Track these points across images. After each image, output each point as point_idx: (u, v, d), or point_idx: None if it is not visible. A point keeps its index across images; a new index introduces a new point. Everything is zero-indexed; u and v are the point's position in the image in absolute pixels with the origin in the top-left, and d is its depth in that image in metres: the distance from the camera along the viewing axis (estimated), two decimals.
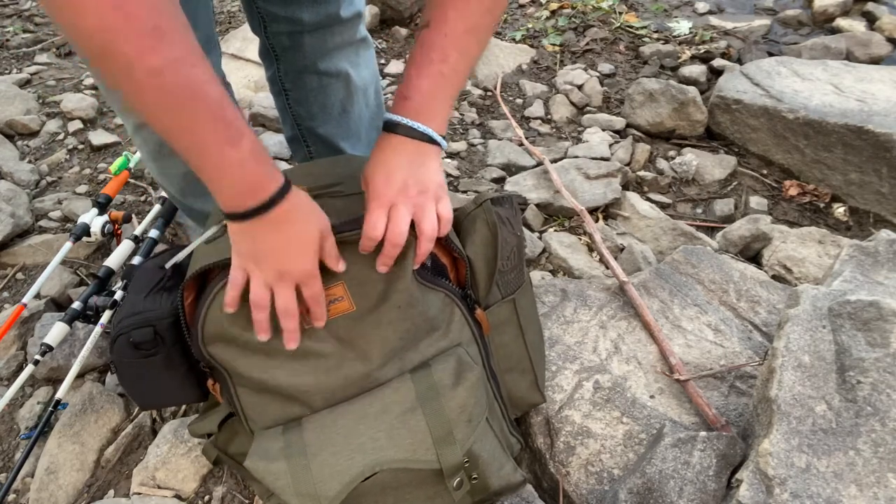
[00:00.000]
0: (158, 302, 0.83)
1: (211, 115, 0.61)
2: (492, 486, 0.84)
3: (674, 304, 1.20)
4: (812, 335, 0.91)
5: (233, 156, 0.63)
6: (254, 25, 1.15)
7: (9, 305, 1.45)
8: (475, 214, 0.88)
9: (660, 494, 0.87)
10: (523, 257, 0.96)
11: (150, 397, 0.90)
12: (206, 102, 0.60)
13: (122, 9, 0.53)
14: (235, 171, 0.64)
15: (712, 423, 0.97)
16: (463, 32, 0.73)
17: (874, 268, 1.03)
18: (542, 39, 2.35)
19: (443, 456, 0.77)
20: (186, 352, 0.83)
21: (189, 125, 0.60)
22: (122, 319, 0.83)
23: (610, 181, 1.64)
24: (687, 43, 2.26)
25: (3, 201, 1.59)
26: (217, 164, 0.63)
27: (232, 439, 0.91)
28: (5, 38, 2.49)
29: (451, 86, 0.76)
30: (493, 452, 0.85)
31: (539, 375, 1.00)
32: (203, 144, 0.62)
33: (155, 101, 0.58)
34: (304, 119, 1.25)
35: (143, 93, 0.57)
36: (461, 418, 0.78)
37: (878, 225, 1.54)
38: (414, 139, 0.75)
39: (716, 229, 1.56)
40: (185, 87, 0.58)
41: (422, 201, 0.76)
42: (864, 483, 0.78)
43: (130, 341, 0.82)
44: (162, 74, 0.56)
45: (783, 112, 1.67)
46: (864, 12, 2.30)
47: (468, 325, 0.87)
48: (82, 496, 1.09)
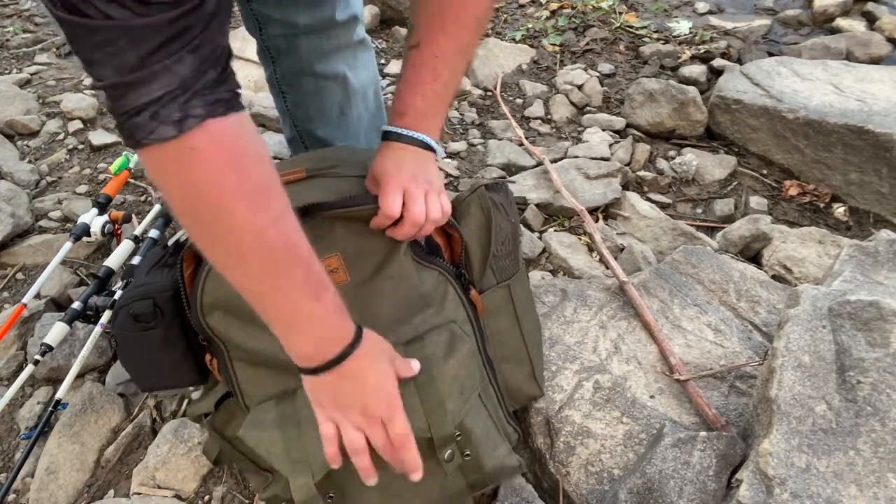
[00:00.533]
0: (160, 276, 0.85)
1: (303, 270, 0.63)
2: (485, 465, 0.84)
3: (674, 304, 1.20)
4: (812, 335, 0.91)
5: (318, 310, 0.64)
6: (249, 27, 1.14)
7: (9, 305, 1.45)
8: (470, 200, 0.91)
9: (660, 494, 0.87)
10: (518, 245, 0.98)
11: (149, 376, 0.92)
12: (300, 258, 0.62)
13: (236, 167, 0.54)
14: (319, 324, 0.66)
15: (712, 423, 0.97)
16: (453, 53, 0.77)
17: (874, 268, 1.03)
18: (542, 39, 2.35)
19: (434, 426, 0.78)
20: (185, 328, 0.85)
21: (281, 282, 0.61)
22: (125, 294, 0.85)
23: (610, 181, 1.64)
24: (687, 43, 2.26)
25: (3, 201, 1.59)
26: (304, 319, 0.64)
27: (229, 422, 0.92)
28: (5, 38, 2.48)
29: (444, 101, 0.81)
30: (486, 431, 0.85)
31: (536, 367, 1.01)
32: (292, 300, 0.63)
33: (255, 260, 0.59)
34: (303, 121, 1.25)
35: (246, 252, 0.58)
36: (453, 389, 0.79)
37: (878, 225, 1.54)
38: (414, 146, 0.81)
39: (716, 229, 1.56)
40: (284, 245, 0.60)
41: (428, 189, 0.80)
42: (864, 483, 0.78)
43: (131, 313, 0.83)
44: (266, 233, 0.57)
45: (783, 112, 1.67)
46: (864, 12, 2.30)
47: (462, 304, 0.88)
48: (82, 496, 1.09)
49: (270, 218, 0.58)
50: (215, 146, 0.54)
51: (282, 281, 0.61)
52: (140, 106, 0.51)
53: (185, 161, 0.53)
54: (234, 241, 0.58)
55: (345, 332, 0.68)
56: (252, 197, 0.56)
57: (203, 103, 0.52)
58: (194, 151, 0.53)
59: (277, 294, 0.62)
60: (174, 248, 0.90)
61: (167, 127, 0.52)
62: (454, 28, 0.75)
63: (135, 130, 0.52)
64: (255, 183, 0.56)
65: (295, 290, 0.62)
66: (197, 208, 0.56)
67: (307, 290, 0.63)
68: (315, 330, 0.66)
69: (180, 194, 0.56)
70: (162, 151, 0.53)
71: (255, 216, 0.56)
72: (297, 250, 0.61)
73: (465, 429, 0.81)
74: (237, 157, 0.55)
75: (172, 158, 0.54)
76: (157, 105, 0.51)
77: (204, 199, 0.55)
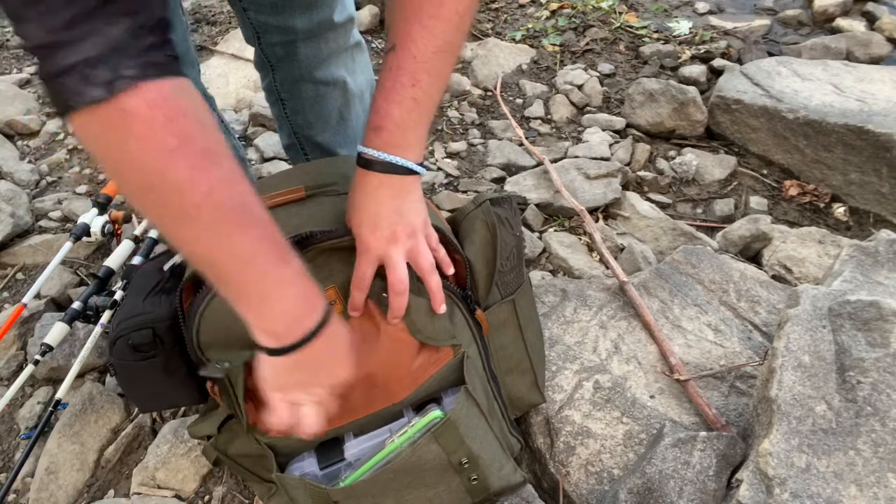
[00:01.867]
0: (158, 304, 0.83)
1: (261, 230, 0.59)
2: (492, 486, 0.85)
3: (674, 304, 1.20)
4: (812, 335, 0.91)
5: (288, 275, 0.61)
6: (247, 36, 1.14)
7: (9, 305, 1.45)
8: (474, 215, 0.88)
9: (660, 494, 0.87)
10: (522, 258, 0.96)
11: (150, 400, 0.90)
12: (255, 218, 0.58)
13: (175, 130, 0.51)
14: (291, 290, 0.61)
15: (712, 423, 0.97)
16: (433, 53, 0.68)
17: (874, 268, 1.03)
18: (542, 39, 2.35)
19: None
20: (185, 354, 0.83)
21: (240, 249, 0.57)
22: (121, 321, 0.83)
23: (610, 181, 1.64)
24: (687, 43, 2.26)
25: (3, 201, 1.59)
26: (275, 286, 0.60)
27: (232, 441, 0.91)
28: (5, 38, 2.48)
29: (425, 111, 0.71)
30: (493, 454, 0.85)
31: (539, 375, 1.00)
32: (256, 265, 0.58)
33: (206, 227, 0.55)
34: (302, 128, 1.24)
35: (195, 217, 0.55)
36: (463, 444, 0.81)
37: (878, 225, 1.54)
38: (392, 174, 0.72)
39: (716, 229, 1.56)
40: (235, 206, 0.56)
41: (413, 244, 0.75)
42: (864, 483, 0.78)
43: (130, 343, 0.81)
44: (214, 194, 0.54)
45: (783, 112, 1.67)
46: (864, 12, 2.30)
47: (468, 325, 0.87)
48: (82, 496, 1.09)
49: (217, 179, 0.54)
50: (150, 108, 0.50)
51: (241, 246, 0.57)
52: (68, 66, 0.48)
53: (118, 124, 0.50)
54: (179, 205, 0.54)
55: (319, 299, 0.64)
56: (194, 159, 0.52)
57: (135, 65, 0.49)
58: (127, 114, 0.49)
59: (239, 260, 0.58)
60: (170, 274, 0.88)
61: (97, 88, 0.48)
62: (433, 23, 0.66)
63: (64, 93, 0.49)
64: (198, 146, 0.53)
65: (257, 253, 0.58)
66: (136, 175, 0.53)
67: (271, 252, 0.59)
68: (288, 297, 0.61)
69: (118, 162, 0.53)
70: (93, 115, 0.50)
71: (200, 177, 0.53)
72: (251, 211, 0.57)
73: (473, 456, 0.81)
74: (176, 120, 0.51)
75: (104, 123, 0.50)
76: (86, 66, 0.48)
77: (141, 164, 0.51)
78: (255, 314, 0.62)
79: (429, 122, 0.73)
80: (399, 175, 0.72)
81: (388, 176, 0.72)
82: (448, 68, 0.71)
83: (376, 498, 0.80)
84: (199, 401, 0.91)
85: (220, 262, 0.58)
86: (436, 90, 0.71)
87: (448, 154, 1.85)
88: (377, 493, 0.80)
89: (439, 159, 1.82)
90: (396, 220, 0.73)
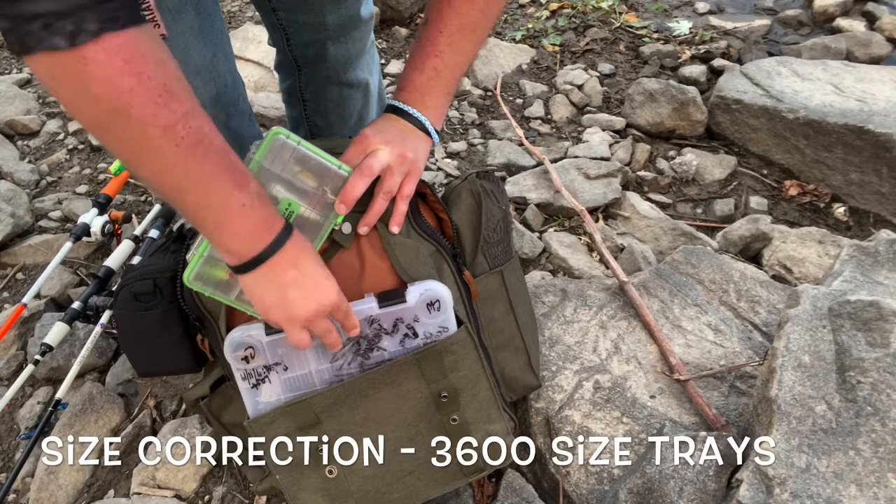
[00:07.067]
0: (161, 259, 0.88)
1: (221, 161, 0.63)
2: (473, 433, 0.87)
3: (674, 304, 1.20)
4: (812, 335, 0.91)
5: (243, 199, 0.64)
6: (275, 39, 1.14)
7: (9, 305, 1.45)
8: (461, 187, 0.93)
9: (660, 494, 0.87)
10: (510, 234, 0.99)
11: (146, 359, 0.93)
12: (215, 150, 0.62)
13: (134, 71, 0.53)
14: (247, 213, 0.65)
15: (712, 423, 0.97)
16: (457, 30, 0.77)
17: (874, 268, 1.03)
18: (542, 39, 2.35)
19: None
20: (183, 313, 0.88)
21: (200, 177, 0.61)
22: (127, 275, 0.88)
23: (610, 181, 1.64)
24: (687, 43, 2.26)
25: (3, 201, 1.59)
26: (228, 210, 0.64)
27: (226, 406, 0.93)
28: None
29: (446, 81, 0.80)
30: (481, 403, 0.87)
31: (532, 356, 1.02)
32: (214, 193, 0.63)
33: (168, 158, 0.59)
34: (322, 129, 1.26)
35: (156, 152, 0.58)
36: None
37: (878, 225, 1.54)
38: (405, 120, 0.80)
39: (716, 229, 1.56)
40: (196, 139, 0.59)
41: (404, 170, 0.79)
42: (864, 483, 0.78)
43: (132, 292, 0.86)
44: (174, 129, 0.57)
45: (783, 112, 1.67)
46: (864, 12, 2.30)
47: (457, 284, 0.88)
48: (82, 496, 1.09)
49: (176, 115, 0.57)
50: (109, 55, 0.52)
51: (200, 176, 0.61)
52: (31, 14, 0.50)
53: (77, 70, 0.52)
54: (138, 140, 0.57)
55: (275, 221, 0.68)
56: (153, 96, 0.55)
57: (97, 18, 0.51)
58: (86, 60, 0.52)
59: (198, 191, 0.62)
60: (177, 234, 0.93)
61: (59, 38, 0.50)
62: (460, 3, 0.75)
63: (25, 37, 0.51)
64: (157, 84, 0.55)
65: (217, 183, 0.62)
66: (96, 114, 0.56)
67: (228, 182, 0.63)
68: (244, 219, 0.66)
69: (77, 103, 0.55)
70: (53, 60, 0.52)
71: (159, 112, 0.56)
72: (209, 142, 0.61)
73: (454, 391, 0.84)
74: (134, 63, 0.53)
75: (64, 68, 0.52)
76: (50, 17, 0.50)
77: (101, 104, 0.54)
78: (215, 235, 0.67)
79: (448, 93, 0.82)
80: (412, 125, 0.80)
81: (400, 119, 0.80)
82: (471, 47, 0.80)
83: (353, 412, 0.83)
84: (194, 368, 0.94)
85: (182, 190, 0.62)
86: (457, 64, 0.80)
87: (448, 154, 1.85)
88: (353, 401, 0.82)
89: (439, 159, 1.82)
90: (396, 136, 0.79)
